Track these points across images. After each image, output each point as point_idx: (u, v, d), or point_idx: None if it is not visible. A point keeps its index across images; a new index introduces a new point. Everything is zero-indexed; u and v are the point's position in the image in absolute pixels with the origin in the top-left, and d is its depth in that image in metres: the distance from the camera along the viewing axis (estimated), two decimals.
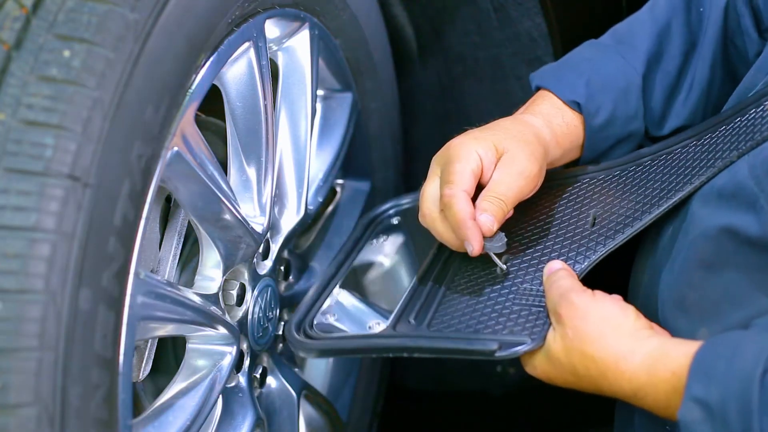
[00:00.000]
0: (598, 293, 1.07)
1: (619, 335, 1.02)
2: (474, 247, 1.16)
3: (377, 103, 1.56)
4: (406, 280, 1.32)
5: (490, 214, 1.16)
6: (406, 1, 1.63)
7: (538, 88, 1.35)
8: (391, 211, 1.40)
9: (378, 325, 1.17)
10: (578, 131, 1.31)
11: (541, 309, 1.10)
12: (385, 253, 1.37)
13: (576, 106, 1.30)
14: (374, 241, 1.36)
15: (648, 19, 1.36)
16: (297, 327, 1.20)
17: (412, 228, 1.32)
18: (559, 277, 1.10)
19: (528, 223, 1.26)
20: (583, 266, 1.15)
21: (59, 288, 0.91)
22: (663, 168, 1.23)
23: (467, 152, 1.19)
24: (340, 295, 1.26)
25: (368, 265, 1.42)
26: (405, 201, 1.40)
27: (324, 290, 1.27)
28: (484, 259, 1.20)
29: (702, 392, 0.95)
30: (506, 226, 1.21)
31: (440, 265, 1.26)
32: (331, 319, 1.22)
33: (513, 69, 1.59)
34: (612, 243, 1.16)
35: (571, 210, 1.25)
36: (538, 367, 1.08)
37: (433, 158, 1.24)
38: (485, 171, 1.20)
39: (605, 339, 1.02)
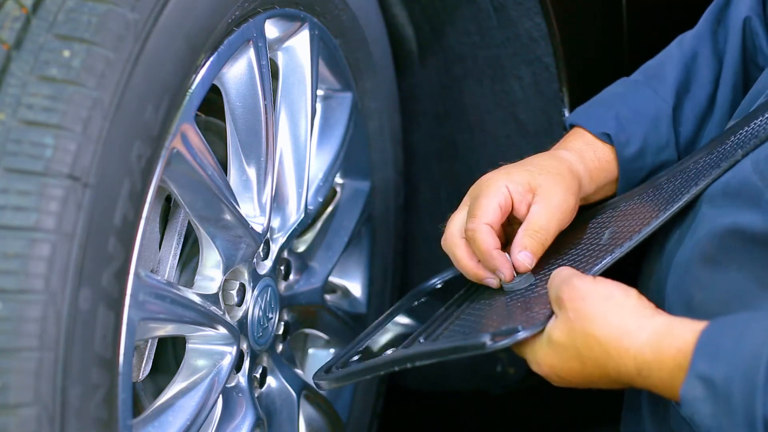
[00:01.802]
0: (599, 278, 1.07)
1: (623, 313, 1.02)
2: (505, 275, 1.20)
3: (377, 103, 1.56)
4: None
5: (529, 250, 1.20)
6: (406, 1, 1.62)
7: (571, 127, 1.38)
8: (438, 284, 1.44)
9: (393, 352, 1.19)
10: (611, 166, 1.34)
11: (542, 304, 1.10)
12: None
13: (607, 138, 1.33)
14: (416, 302, 1.41)
15: (676, 52, 1.40)
16: (326, 370, 1.24)
17: (456, 288, 1.37)
18: (562, 270, 1.10)
19: (548, 253, 1.27)
20: (591, 272, 1.15)
21: (59, 288, 0.91)
22: (676, 183, 1.24)
23: (496, 187, 1.23)
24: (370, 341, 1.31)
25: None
26: (449, 273, 1.45)
27: (356, 345, 1.31)
28: (498, 287, 1.23)
29: (707, 369, 0.94)
30: None
31: (461, 299, 1.29)
32: (354, 359, 1.25)
33: (513, 69, 1.58)
34: (620, 250, 1.16)
35: (589, 234, 1.27)
36: (542, 361, 1.06)
37: (469, 191, 1.28)
38: (516, 205, 1.23)
39: (608, 317, 1.02)
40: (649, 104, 1.36)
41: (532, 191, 1.23)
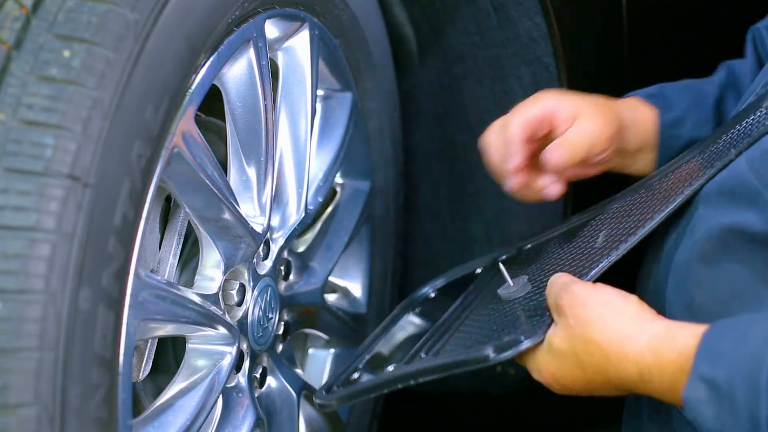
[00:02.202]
0: (598, 284, 1.07)
1: (622, 318, 1.02)
2: (511, 166, 1.29)
3: (377, 103, 1.56)
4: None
5: (561, 148, 1.27)
6: (406, 1, 1.62)
7: None
8: (430, 292, 1.47)
9: (395, 368, 1.19)
10: (654, 127, 1.39)
11: (541, 312, 1.10)
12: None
13: (652, 100, 1.39)
14: (410, 312, 1.43)
15: (721, 66, 1.47)
16: (326, 389, 1.24)
17: (449, 296, 1.40)
18: (559, 276, 1.10)
19: (543, 260, 1.28)
20: (587, 277, 1.15)
21: (59, 288, 0.91)
22: (668, 183, 1.24)
23: (547, 99, 1.32)
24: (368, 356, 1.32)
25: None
26: (440, 280, 1.48)
27: (355, 361, 1.31)
28: (495, 297, 1.23)
29: (709, 371, 0.94)
30: (525, 268, 1.26)
31: (459, 310, 1.29)
32: (354, 376, 1.25)
33: (513, 69, 1.58)
34: (615, 253, 1.16)
35: (583, 238, 1.27)
36: (543, 369, 1.06)
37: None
38: (558, 123, 1.30)
39: (607, 322, 1.01)
40: (694, 89, 1.42)
41: (574, 118, 1.30)
